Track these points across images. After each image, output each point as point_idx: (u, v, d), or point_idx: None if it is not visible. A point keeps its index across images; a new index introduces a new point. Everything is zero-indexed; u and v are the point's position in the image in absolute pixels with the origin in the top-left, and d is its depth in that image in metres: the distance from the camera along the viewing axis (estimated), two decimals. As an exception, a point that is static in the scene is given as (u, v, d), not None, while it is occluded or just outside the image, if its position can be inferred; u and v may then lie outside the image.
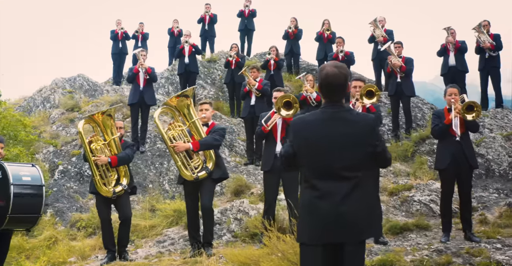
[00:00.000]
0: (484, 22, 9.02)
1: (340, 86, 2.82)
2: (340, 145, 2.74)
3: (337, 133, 2.76)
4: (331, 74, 2.81)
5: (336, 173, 2.72)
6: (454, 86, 5.69)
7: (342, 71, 2.82)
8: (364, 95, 5.43)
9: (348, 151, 2.74)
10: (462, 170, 5.37)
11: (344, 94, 2.88)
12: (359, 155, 2.77)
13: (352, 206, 2.69)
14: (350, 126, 2.77)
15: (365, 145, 2.78)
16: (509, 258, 4.65)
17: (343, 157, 2.73)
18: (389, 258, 4.88)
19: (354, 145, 2.75)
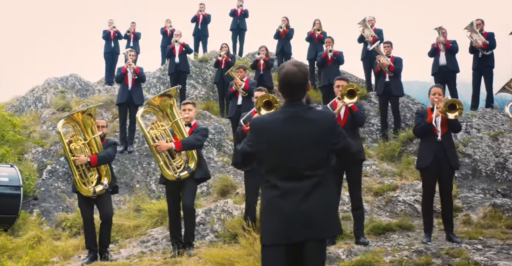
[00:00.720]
0: (477, 21, 8.98)
1: (299, 85, 2.80)
2: (301, 144, 2.73)
3: (298, 132, 2.74)
4: (290, 73, 2.79)
5: (296, 172, 2.71)
6: (438, 86, 5.67)
7: (302, 70, 2.81)
8: (345, 94, 5.40)
9: (309, 150, 2.73)
10: (443, 170, 5.34)
11: (304, 93, 2.87)
12: (320, 153, 2.76)
13: (313, 204, 2.68)
14: (311, 125, 2.76)
15: (326, 143, 2.77)
16: (487, 259, 4.62)
17: (304, 156, 2.72)
18: (368, 258, 4.86)
19: (315, 143, 2.74)
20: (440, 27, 9.53)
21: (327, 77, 8.93)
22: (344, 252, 5.15)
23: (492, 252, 4.84)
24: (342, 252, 5.16)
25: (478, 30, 8.82)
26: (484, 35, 8.80)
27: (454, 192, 6.78)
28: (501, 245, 5.16)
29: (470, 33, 8.87)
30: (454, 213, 6.43)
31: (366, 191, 6.97)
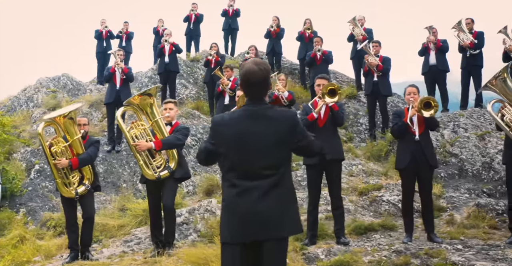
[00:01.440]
0: (467, 20, 8.96)
1: (259, 84, 2.78)
2: (260, 143, 2.71)
3: (257, 131, 2.73)
4: (250, 71, 2.78)
5: (255, 171, 2.70)
6: (413, 85, 5.65)
7: (262, 68, 2.79)
8: (326, 94, 5.38)
9: (268, 149, 2.71)
10: (422, 169, 5.31)
11: (266, 91, 2.85)
12: (281, 152, 2.75)
13: (270, 203, 2.67)
14: (272, 124, 2.74)
15: (287, 142, 2.76)
16: (465, 260, 4.59)
17: (263, 155, 2.70)
18: (346, 258, 4.84)
19: (275, 142, 2.72)
20: (430, 26, 9.50)
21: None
22: (323, 252, 5.13)
23: (471, 253, 4.81)
24: (321, 252, 5.15)
25: (468, 29, 8.79)
26: (473, 34, 8.77)
27: (439, 191, 6.79)
28: (482, 246, 5.13)
29: (458, 32, 8.84)
30: (438, 213, 6.43)
31: (351, 190, 6.95)
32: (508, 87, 5.24)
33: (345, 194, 6.84)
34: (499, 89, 5.26)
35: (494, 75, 5.29)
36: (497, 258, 4.61)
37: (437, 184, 6.90)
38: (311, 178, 5.52)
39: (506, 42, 8.04)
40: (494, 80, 5.27)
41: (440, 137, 7.84)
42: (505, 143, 5.41)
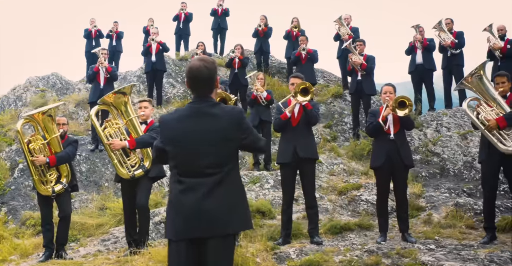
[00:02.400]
0: (447, 20, 8.94)
1: (204, 80, 2.75)
2: (204, 140, 2.68)
3: (201, 128, 2.70)
4: (195, 68, 2.75)
5: (199, 169, 2.67)
6: (390, 84, 5.62)
7: (207, 65, 2.76)
8: (298, 92, 5.35)
9: (213, 147, 2.68)
10: (397, 169, 5.27)
11: (211, 88, 2.81)
12: (225, 150, 2.72)
13: (215, 201, 2.64)
14: (215, 121, 2.71)
15: (232, 140, 2.72)
16: (435, 260, 4.55)
17: (208, 153, 2.68)
18: (316, 258, 4.80)
19: (220, 140, 2.69)
20: (417, 25, 9.45)
21: (301, 76, 8.85)
22: (295, 252, 5.09)
23: (442, 252, 4.77)
24: (293, 251, 5.11)
25: (447, 29, 8.75)
26: (453, 34, 8.73)
27: (419, 191, 6.75)
28: (455, 246, 5.09)
29: (439, 32, 8.80)
30: (417, 212, 6.39)
31: (330, 190, 6.92)
32: (484, 85, 5.18)
33: (325, 193, 6.81)
34: (475, 87, 5.21)
35: (470, 73, 5.24)
36: (467, 258, 4.56)
37: (417, 183, 6.88)
38: (285, 176, 5.49)
39: (491, 41, 7.98)
40: (470, 77, 5.21)
41: (423, 136, 7.79)
42: (481, 141, 5.36)
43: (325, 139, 8.26)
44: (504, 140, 5.00)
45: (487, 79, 5.21)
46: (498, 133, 5.03)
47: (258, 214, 6.39)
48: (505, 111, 5.04)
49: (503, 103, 5.12)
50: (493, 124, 4.98)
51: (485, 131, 5.04)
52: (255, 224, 6.16)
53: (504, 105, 5.11)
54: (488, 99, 5.17)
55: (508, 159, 5.02)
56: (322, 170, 7.37)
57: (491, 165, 5.14)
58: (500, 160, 5.07)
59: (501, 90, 5.20)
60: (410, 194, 6.67)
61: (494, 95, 5.13)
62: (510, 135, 5.07)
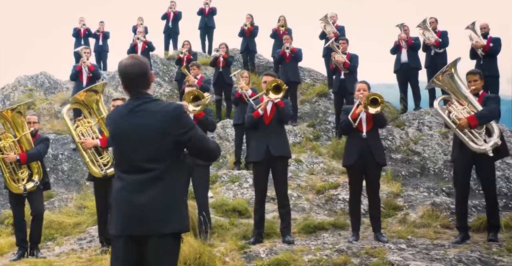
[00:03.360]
0: (431, 19, 8.89)
1: (136, 77, 2.74)
2: (140, 137, 2.67)
3: (137, 124, 2.68)
4: (126, 65, 2.75)
5: (137, 165, 2.65)
6: (364, 81, 5.56)
7: (138, 62, 2.75)
8: (270, 90, 5.31)
9: (150, 143, 2.66)
10: (369, 167, 5.22)
11: (146, 84, 2.79)
12: (162, 146, 2.69)
13: (151, 198, 2.61)
14: (152, 117, 2.69)
15: (168, 135, 2.69)
16: (402, 259, 4.50)
17: (144, 149, 2.66)
18: (285, 257, 4.76)
19: (157, 136, 2.67)
20: (402, 23, 9.42)
21: (285, 75, 8.83)
22: (265, 251, 5.05)
23: (411, 252, 4.71)
24: (263, 250, 5.06)
25: (432, 28, 8.70)
26: (437, 33, 8.69)
27: (397, 190, 6.71)
28: (426, 245, 5.04)
29: (423, 31, 8.76)
30: (393, 212, 6.35)
31: (309, 189, 6.87)
32: (455, 83, 5.13)
33: (303, 192, 6.77)
34: (446, 85, 5.16)
35: (441, 71, 5.18)
36: (435, 258, 4.51)
37: (395, 183, 6.83)
38: (257, 175, 5.45)
39: (473, 39, 7.92)
40: (441, 75, 5.16)
41: (404, 134, 7.74)
42: (453, 140, 5.31)
43: (308, 138, 8.21)
44: (476, 139, 4.95)
45: (458, 78, 5.15)
46: (470, 132, 4.98)
47: (234, 213, 6.36)
48: (476, 110, 4.99)
49: (474, 101, 5.07)
50: (465, 123, 4.93)
51: (457, 130, 4.99)
52: (231, 223, 6.14)
53: (475, 104, 5.06)
54: (460, 97, 5.12)
55: (480, 157, 4.97)
56: (302, 169, 7.33)
57: (463, 164, 5.09)
58: (472, 158, 5.02)
59: (473, 89, 5.14)
60: (388, 193, 6.63)
61: (465, 93, 5.08)
62: (481, 133, 5.02)
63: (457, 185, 5.24)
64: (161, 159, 2.66)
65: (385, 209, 6.34)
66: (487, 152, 4.88)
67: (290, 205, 6.51)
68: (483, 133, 5.02)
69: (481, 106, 5.03)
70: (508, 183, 6.46)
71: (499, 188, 6.46)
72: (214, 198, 6.75)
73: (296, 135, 8.45)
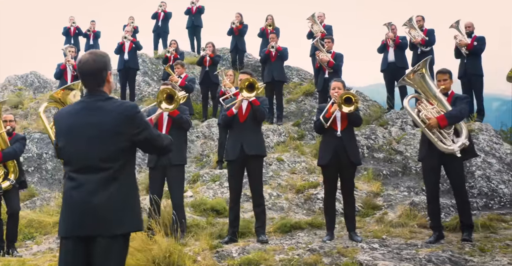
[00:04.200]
0: (418, 18, 8.84)
1: (92, 74, 2.71)
2: (93, 135, 2.63)
3: (90, 123, 2.64)
4: (81, 61, 2.72)
5: (90, 165, 2.61)
6: (339, 80, 5.54)
7: (95, 59, 2.71)
8: (244, 88, 5.28)
9: (103, 142, 2.62)
10: (344, 167, 5.19)
11: (101, 82, 2.76)
12: (115, 145, 2.65)
13: (104, 198, 2.57)
14: (105, 116, 2.65)
15: (122, 134, 2.66)
16: (371, 259, 4.46)
17: (96, 148, 2.62)
18: (255, 257, 4.72)
19: (109, 135, 2.63)
20: (389, 22, 9.38)
21: (271, 74, 8.81)
22: (237, 250, 5.02)
23: (382, 252, 4.67)
24: (235, 250, 5.04)
25: (418, 27, 8.66)
26: (424, 31, 8.64)
27: (377, 189, 6.67)
28: (399, 245, 5.00)
29: (409, 29, 8.71)
30: (372, 211, 6.31)
31: (289, 188, 6.84)
32: (425, 82, 5.09)
33: (283, 191, 6.75)
34: (417, 84, 5.12)
35: (412, 69, 5.15)
36: (404, 258, 4.47)
37: (376, 182, 6.79)
38: (232, 174, 5.42)
39: (457, 37, 7.88)
40: (412, 74, 5.12)
41: (387, 134, 7.69)
42: (421, 139, 5.27)
43: (292, 137, 8.18)
44: (444, 139, 4.91)
45: (429, 77, 5.12)
46: (439, 132, 4.94)
47: (213, 212, 6.34)
48: (446, 110, 4.95)
49: (444, 101, 5.03)
50: (434, 123, 4.89)
51: (426, 129, 4.96)
52: (208, 222, 6.11)
53: (445, 104, 5.02)
54: (430, 97, 5.08)
55: (448, 157, 4.94)
56: (284, 168, 7.30)
57: (431, 163, 5.05)
58: (440, 158, 4.98)
59: (443, 88, 5.10)
60: (368, 192, 6.60)
61: (435, 93, 5.04)
62: (450, 133, 4.98)
63: (426, 184, 5.20)
64: (115, 158, 2.63)
65: (364, 208, 6.32)
66: (455, 152, 4.85)
67: (269, 204, 6.54)
68: (452, 133, 4.99)
69: (450, 106, 4.99)
70: (489, 182, 6.41)
71: (479, 188, 6.45)
72: (194, 197, 6.74)
73: (280, 134, 8.42)
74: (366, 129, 7.75)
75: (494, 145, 7.04)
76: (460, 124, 5.02)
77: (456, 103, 5.05)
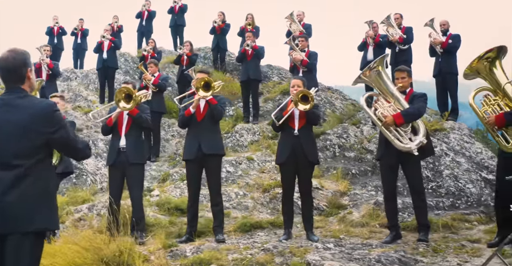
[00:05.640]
0: (396, 15, 8.76)
1: (12, 71, 2.71)
2: (8, 132, 2.63)
3: (6, 119, 2.64)
4: (3, 58, 2.72)
5: (3, 162, 2.60)
6: (299, 77, 5.50)
7: (14, 56, 2.72)
8: (200, 87, 5.25)
9: (16, 139, 2.62)
10: (301, 165, 5.13)
11: (20, 79, 2.74)
12: (29, 142, 2.64)
13: (16, 196, 2.56)
14: (22, 113, 2.65)
15: (36, 132, 2.65)
16: (319, 259, 4.41)
17: (11, 145, 2.62)
18: (207, 256, 4.69)
19: (24, 132, 2.63)
20: (371, 20, 9.30)
21: (246, 72, 8.76)
22: (191, 249, 4.99)
23: (333, 252, 4.62)
24: (190, 249, 5.01)
25: (396, 24, 8.58)
26: (402, 29, 8.56)
27: (344, 188, 6.61)
28: (355, 245, 4.94)
29: (387, 27, 8.62)
30: (337, 211, 6.25)
31: (256, 187, 6.80)
32: (382, 80, 5.03)
33: (249, 190, 6.71)
34: (373, 81, 5.06)
35: (368, 66, 5.08)
36: (354, 258, 4.42)
37: (344, 181, 6.73)
38: (190, 173, 5.39)
39: (432, 36, 7.79)
40: (368, 71, 5.05)
41: (359, 133, 7.63)
42: (379, 138, 5.20)
43: (265, 136, 8.13)
44: (401, 137, 4.84)
45: (385, 74, 5.05)
46: (395, 130, 4.87)
47: (177, 211, 6.30)
48: (403, 107, 4.88)
49: (401, 99, 4.97)
50: (390, 121, 4.83)
51: (382, 128, 4.89)
52: (171, 221, 6.08)
53: (402, 101, 4.95)
54: (387, 94, 5.02)
55: (405, 156, 4.87)
56: (253, 167, 7.26)
57: (389, 162, 4.99)
58: (398, 156, 4.92)
59: (400, 86, 5.04)
60: (334, 191, 6.54)
61: (392, 90, 4.97)
62: (407, 132, 4.91)
63: (383, 183, 5.14)
64: (29, 155, 2.62)
65: (329, 207, 6.26)
66: (412, 150, 4.79)
67: (235, 204, 6.50)
68: (409, 131, 4.92)
69: (408, 104, 4.93)
70: (456, 181, 6.33)
71: (447, 187, 6.37)
72: (160, 196, 6.71)
73: (254, 133, 8.38)
74: (338, 128, 7.69)
75: (465, 144, 6.96)
76: (417, 122, 4.96)
77: (413, 101, 4.98)
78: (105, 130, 5.67)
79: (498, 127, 4.56)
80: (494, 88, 4.71)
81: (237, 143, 8.27)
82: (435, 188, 6.44)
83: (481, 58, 4.68)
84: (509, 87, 4.65)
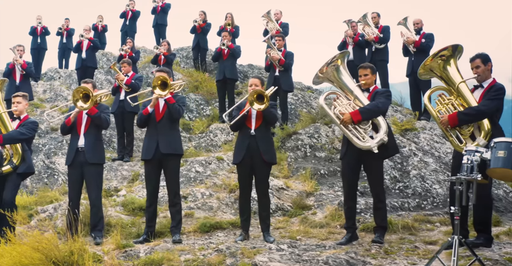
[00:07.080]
0: (373, 14, 8.71)
1: None
2: None
3: None
4: None
5: None
6: (257, 77, 5.45)
7: None
8: (157, 86, 5.22)
9: None
10: (257, 165, 5.09)
11: None
12: None
13: None
14: None
15: None
16: (267, 260, 4.38)
17: None
18: (159, 257, 4.66)
19: None
20: (349, 20, 9.25)
21: (222, 72, 8.72)
22: (145, 250, 4.96)
23: (282, 253, 4.57)
24: (144, 249, 4.98)
25: (374, 24, 8.51)
26: (379, 28, 8.50)
27: (311, 189, 6.55)
28: (309, 246, 4.88)
29: (363, 26, 8.56)
30: (301, 211, 6.20)
31: (224, 187, 6.75)
32: (340, 76, 4.96)
33: (216, 190, 6.66)
34: (330, 77, 5.00)
35: (326, 62, 4.99)
36: (301, 260, 4.37)
37: (311, 181, 6.67)
38: (148, 173, 5.37)
39: (405, 35, 7.72)
40: (326, 67, 4.97)
41: (331, 132, 7.57)
42: (342, 137, 5.14)
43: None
44: (360, 135, 4.77)
45: (345, 70, 4.99)
46: (354, 128, 4.80)
47: (141, 212, 6.27)
48: (363, 105, 4.80)
49: (361, 96, 4.90)
50: (347, 119, 4.75)
51: (341, 126, 4.83)
52: (133, 222, 6.05)
53: (362, 99, 4.88)
54: (346, 92, 4.96)
55: (367, 156, 4.80)
56: (223, 167, 7.22)
57: (350, 161, 4.93)
58: (359, 156, 4.86)
59: (363, 83, 4.98)
60: (300, 192, 6.49)
61: (351, 87, 4.91)
62: (367, 129, 4.83)
63: (344, 184, 5.08)
64: None
65: (293, 208, 6.21)
66: (372, 148, 4.70)
67: (199, 204, 6.46)
68: (369, 129, 4.83)
69: (370, 101, 4.86)
70: (423, 182, 6.26)
71: (413, 188, 6.30)
72: (125, 196, 6.68)
73: (228, 132, 8.33)
74: (310, 128, 7.63)
75: (435, 144, 6.89)
76: (378, 119, 4.84)
77: (375, 98, 4.91)
78: (64, 130, 5.65)
79: (451, 126, 4.49)
80: (449, 87, 4.65)
81: (211, 142, 8.23)
82: (402, 189, 6.37)
83: (435, 56, 4.62)
84: (463, 86, 4.60)
